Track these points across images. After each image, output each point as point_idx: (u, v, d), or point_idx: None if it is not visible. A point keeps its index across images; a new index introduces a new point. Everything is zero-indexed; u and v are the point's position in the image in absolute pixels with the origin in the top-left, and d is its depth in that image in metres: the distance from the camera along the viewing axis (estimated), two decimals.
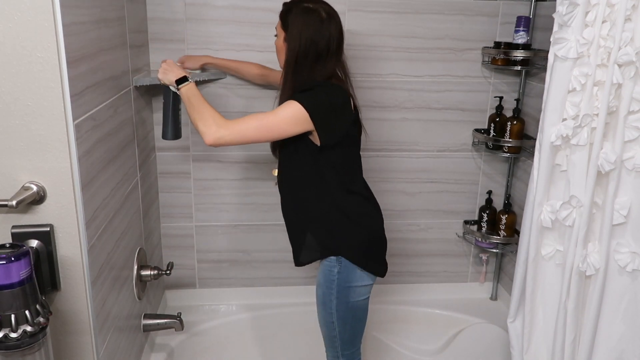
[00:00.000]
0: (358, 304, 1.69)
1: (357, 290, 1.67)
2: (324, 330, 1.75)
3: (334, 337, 1.73)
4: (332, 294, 1.66)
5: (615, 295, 1.51)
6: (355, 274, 1.65)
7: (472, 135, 2.33)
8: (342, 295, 1.66)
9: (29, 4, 1.10)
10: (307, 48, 1.52)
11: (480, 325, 2.37)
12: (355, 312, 1.70)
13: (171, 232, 2.32)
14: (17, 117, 1.16)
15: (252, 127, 1.49)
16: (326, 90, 1.54)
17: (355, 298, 1.68)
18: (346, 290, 1.66)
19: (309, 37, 1.51)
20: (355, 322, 1.73)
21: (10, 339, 1.03)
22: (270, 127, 1.49)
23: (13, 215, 1.21)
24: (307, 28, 1.51)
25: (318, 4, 1.55)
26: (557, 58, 1.40)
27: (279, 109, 1.50)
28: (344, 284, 1.65)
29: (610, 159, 1.40)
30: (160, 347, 2.10)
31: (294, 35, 1.52)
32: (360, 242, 1.66)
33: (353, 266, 1.64)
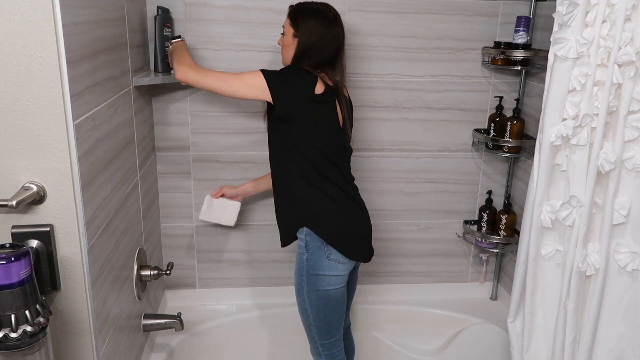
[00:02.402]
0: (329, 293, 1.73)
1: (325, 279, 1.71)
2: (302, 319, 1.82)
3: (310, 325, 1.80)
4: (302, 280, 1.74)
5: (615, 295, 1.51)
6: (323, 262, 1.70)
7: (472, 135, 2.33)
8: (311, 282, 1.73)
9: (29, 4, 1.10)
10: (314, 45, 1.68)
11: (480, 325, 2.37)
12: (326, 301, 1.74)
13: (171, 232, 2.32)
14: (17, 117, 1.16)
15: (214, 77, 1.70)
16: (290, 69, 1.70)
17: (324, 287, 1.72)
18: (314, 278, 1.72)
19: (318, 36, 1.68)
20: (327, 311, 1.76)
21: (10, 339, 1.03)
22: (228, 83, 1.68)
23: (13, 215, 1.21)
24: (317, 27, 1.68)
25: (326, 7, 1.73)
26: (557, 58, 1.40)
27: (243, 73, 1.69)
28: (312, 271, 1.71)
29: (610, 159, 1.40)
30: (160, 347, 2.10)
31: (305, 31, 1.68)
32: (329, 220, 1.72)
33: (320, 253, 1.70)
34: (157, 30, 1.96)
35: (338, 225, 1.73)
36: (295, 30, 1.70)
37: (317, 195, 1.71)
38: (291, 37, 1.72)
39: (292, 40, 1.71)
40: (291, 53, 1.72)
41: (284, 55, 1.77)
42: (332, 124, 1.73)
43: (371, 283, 2.46)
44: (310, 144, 1.69)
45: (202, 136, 2.21)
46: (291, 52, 1.72)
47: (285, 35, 1.74)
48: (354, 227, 1.77)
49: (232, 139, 2.22)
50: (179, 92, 2.15)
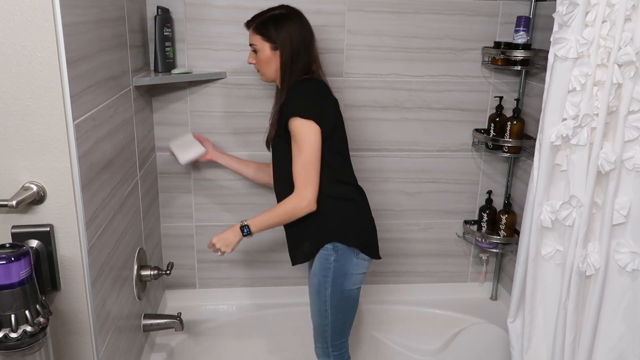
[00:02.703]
0: (351, 293, 1.76)
1: (352, 278, 1.73)
2: (316, 320, 1.81)
3: (326, 326, 1.78)
4: (327, 282, 1.72)
5: (615, 295, 1.51)
6: (352, 262, 1.72)
7: (472, 135, 2.33)
8: (337, 283, 1.72)
9: (29, 4, 1.10)
10: (298, 45, 1.68)
11: (480, 325, 2.37)
12: (348, 300, 1.76)
13: (171, 232, 2.32)
14: (17, 117, 1.16)
15: (305, 172, 1.63)
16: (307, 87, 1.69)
17: (349, 286, 1.74)
18: (342, 278, 1.72)
19: (298, 36, 1.68)
20: (347, 311, 1.78)
21: (10, 339, 1.03)
22: (312, 155, 1.63)
23: (13, 215, 1.21)
24: (293, 29, 1.68)
25: (285, 9, 1.72)
26: (557, 58, 1.40)
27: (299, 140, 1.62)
28: (340, 272, 1.71)
29: (610, 159, 1.40)
30: (160, 347, 2.10)
31: (284, 39, 1.67)
32: (354, 225, 1.74)
33: (349, 253, 1.71)
34: (157, 30, 1.96)
35: (362, 229, 1.78)
36: (273, 43, 1.68)
37: (337, 205, 1.72)
38: (269, 51, 1.69)
39: (273, 54, 1.69)
40: (274, 66, 1.71)
41: (265, 72, 1.74)
42: (342, 122, 1.77)
43: (371, 283, 2.46)
44: (335, 150, 1.71)
45: None
46: (274, 65, 1.71)
47: (260, 51, 1.70)
48: (372, 225, 1.83)
49: (232, 139, 2.22)
50: (179, 92, 2.15)
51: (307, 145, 1.62)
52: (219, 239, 1.75)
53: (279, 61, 1.69)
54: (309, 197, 1.64)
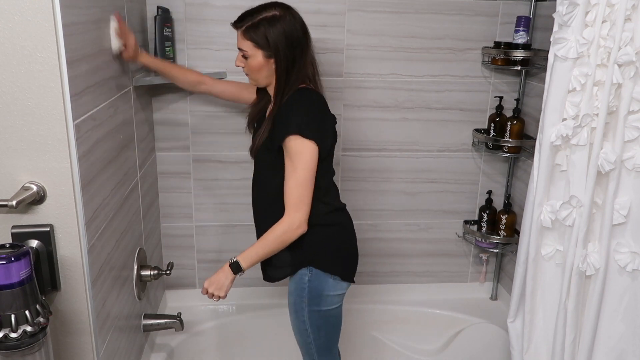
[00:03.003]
0: (330, 312, 1.67)
1: (328, 299, 1.65)
2: (298, 338, 1.74)
3: (309, 344, 1.71)
4: (303, 302, 1.64)
5: (615, 295, 1.51)
6: (327, 283, 1.63)
7: (472, 135, 2.33)
8: (313, 304, 1.64)
9: (29, 4, 1.10)
10: (295, 51, 1.53)
11: (480, 325, 2.37)
12: (328, 319, 1.69)
13: (171, 232, 2.32)
14: (17, 117, 1.16)
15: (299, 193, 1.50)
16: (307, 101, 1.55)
17: (326, 306, 1.65)
18: (318, 299, 1.64)
19: (294, 41, 1.52)
20: (328, 328, 1.71)
21: (10, 339, 1.03)
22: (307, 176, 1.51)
23: (13, 215, 1.21)
24: (288, 34, 1.51)
25: (278, 9, 1.53)
26: (557, 58, 1.40)
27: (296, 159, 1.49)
28: (315, 292, 1.63)
29: (610, 159, 1.40)
30: (160, 347, 2.10)
31: (280, 47, 1.51)
32: (331, 250, 1.64)
33: (325, 275, 1.62)
34: (157, 30, 1.96)
35: (343, 256, 1.68)
36: (266, 50, 1.51)
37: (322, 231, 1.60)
38: (262, 58, 1.52)
39: (266, 62, 1.53)
40: (266, 73, 1.56)
41: (257, 78, 1.59)
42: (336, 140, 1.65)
43: (371, 283, 2.46)
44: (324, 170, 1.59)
45: (202, 136, 2.21)
46: (266, 72, 1.56)
47: (252, 57, 1.53)
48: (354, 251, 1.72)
49: (232, 139, 2.22)
50: (179, 92, 2.15)
51: (303, 164, 1.49)
52: (210, 282, 1.60)
53: (274, 70, 1.55)
54: (301, 219, 1.51)
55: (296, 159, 1.49)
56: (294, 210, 1.51)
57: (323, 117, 1.57)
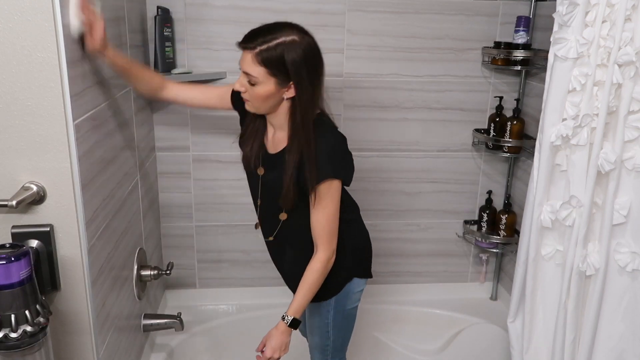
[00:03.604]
0: (352, 311, 1.70)
1: (353, 297, 1.67)
2: (315, 340, 1.74)
3: (326, 346, 1.72)
4: (329, 303, 1.65)
5: (615, 295, 1.51)
6: (353, 282, 1.65)
7: (472, 135, 2.33)
8: (340, 304, 1.65)
9: (29, 4, 1.10)
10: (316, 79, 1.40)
11: (480, 325, 2.37)
12: (349, 319, 1.71)
13: (171, 232, 2.32)
14: (17, 117, 1.16)
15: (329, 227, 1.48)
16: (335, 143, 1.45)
17: (350, 305, 1.68)
18: (344, 299, 1.65)
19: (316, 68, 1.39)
20: (347, 329, 1.73)
21: (10, 339, 1.03)
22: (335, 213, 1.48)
23: (13, 215, 1.21)
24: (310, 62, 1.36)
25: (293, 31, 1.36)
26: (557, 58, 1.40)
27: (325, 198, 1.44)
28: (343, 292, 1.64)
29: (610, 159, 1.40)
30: (160, 347, 2.10)
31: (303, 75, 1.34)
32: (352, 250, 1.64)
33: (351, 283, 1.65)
34: (157, 30, 1.96)
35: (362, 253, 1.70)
36: (282, 79, 1.34)
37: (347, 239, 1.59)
38: (274, 86, 1.35)
39: (277, 90, 1.36)
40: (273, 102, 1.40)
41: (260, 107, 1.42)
42: None
43: (371, 283, 2.44)
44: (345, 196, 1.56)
45: (202, 136, 2.21)
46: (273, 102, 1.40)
47: (260, 85, 1.35)
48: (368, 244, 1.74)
49: (232, 139, 2.21)
50: None
51: (332, 201, 1.45)
52: (272, 349, 1.54)
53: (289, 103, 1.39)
54: (334, 249, 1.50)
55: (326, 198, 1.45)
56: (327, 243, 1.49)
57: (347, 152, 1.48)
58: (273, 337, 1.55)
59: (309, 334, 1.77)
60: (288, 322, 1.53)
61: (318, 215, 1.47)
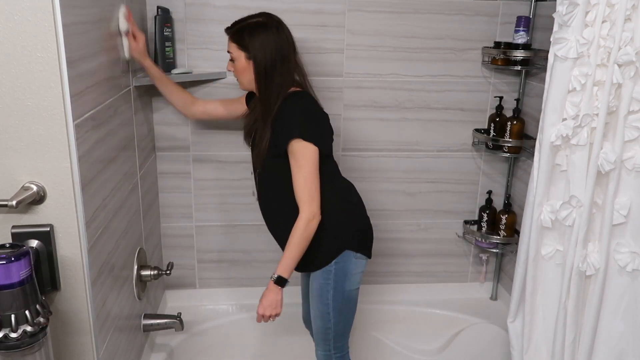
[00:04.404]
0: (352, 294, 1.76)
1: (352, 278, 1.73)
2: (318, 324, 1.79)
3: (328, 329, 1.77)
4: (329, 284, 1.71)
5: (615, 295, 1.51)
6: (351, 262, 1.71)
7: (472, 135, 2.33)
8: (339, 285, 1.71)
9: (29, 4, 1.10)
10: (274, 56, 1.61)
11: (480, 325, 2.37)
12: (349, 301, 1.76)
13: (171, 232, 2.32)
14: (17, 117, 1.16)
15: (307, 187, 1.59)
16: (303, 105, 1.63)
17: (350, 287, 1.74)
18: (343, 279, 1.71)
19: (273, 47, 1.61)
20: (348, 312, 1.79)
21: (10, 339, 1.03)
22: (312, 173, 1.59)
23: (13, 215, 1.21)
24: (268, 39, 1.60)
25: (264, 17, 1.64)
26: (557, 58, 1.40)
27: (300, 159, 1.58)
28: (341, 273, 1.71)
29: (610, 159, 1.40)
30: (160, 347, 2.10)
31: (258, 49, 1.60)
32: (352, 230, 1.74)
33: (349, 253, 1.71)
34: (157, 30, 1.96)
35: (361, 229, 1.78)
36: (247, 52, 1.62)
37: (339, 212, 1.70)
38: (244, 60, 1.63)
39: (247, 63, 1.63)
40: (249, 76, 1.65)
41: (242, 80, 1.69)
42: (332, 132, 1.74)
43: (371, 283, 2.46)
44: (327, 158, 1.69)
45: (202, 136, 2.21)
46: (249, 75, 1.65)
47: (237, 60, 1.64)
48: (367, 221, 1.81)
49: (232, 139, 2.22)
50: None
51: (307, 162, 1.59)
52: (263, 308, 1.70)
53: (253, 72, 1.63)
54: (314, 210, 1.60)
55: (301, 159, 1.58)
56: (307, 204, 1.60)
57: (319, 118, 1.64)
58: (263, 296, 1.70)
59: (313, 321, 1.82)
60: (274, 279, 1.67)
61: (296, 176, 1.60)
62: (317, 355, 1.87)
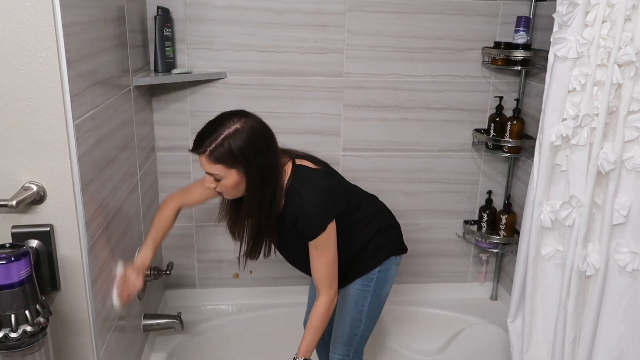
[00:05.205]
0: (384, 299, 1.77)
1: (389, 284, 1.74)
2: (344, 329, 1.74)
3: (355, 335, 1.75)
4: (367, 291, 1.70)
5: (615, 295, 1.51)
6: (392, 270, 1.72)
7: (472, 135, 2.33)
8: (377, 293, 1.71)
9: (29, 4, 1.10)
10: (266, 155, 1.43)
11: (480, 325, 2.37)
12: (380, 307, 1.77)
13: (171, 232, 2.30)
14: (17, 117, 1.16)
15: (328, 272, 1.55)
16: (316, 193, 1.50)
17: (385, 294, 1.75)
18: (382, 286, 1.71)
19: (262, 146, 1.42)
20: (377, 318, 1.79)
21: (10, 339, 1.03)
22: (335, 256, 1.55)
23: (13, 215, 1.21)
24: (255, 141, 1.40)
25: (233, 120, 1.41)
26: (557, 58, 1.40)
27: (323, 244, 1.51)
28: (383, 280, 1.70)
29: (610, 159, 1.40)
30: (160, 347, 2.10)
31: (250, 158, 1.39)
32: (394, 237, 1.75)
33: (391, 260, 1.70)
34: (157, 30, 1.96)
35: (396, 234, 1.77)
36: (239, 167, 1.39)
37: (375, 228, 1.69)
38: (237, 175, 1.41)
39: (242, 176, 1.42)
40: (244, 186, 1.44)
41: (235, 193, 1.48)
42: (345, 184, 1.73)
43: None
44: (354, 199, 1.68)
45: None
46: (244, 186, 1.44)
47: (225, 179, 1.41)
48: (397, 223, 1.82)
49: None
50: (179, 92, 2.15)
51: (329, 246, 1.52)
52: None
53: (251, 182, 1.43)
54: (335, 292, 1.57)
55: (321, 247, 1.52)
56: (327, 288, 1.56)
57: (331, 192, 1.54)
58: None
59: (337, 325, 1.77)
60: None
61: (317, 264, 1.55)
62: (332, 358, 1.81)
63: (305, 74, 2.17)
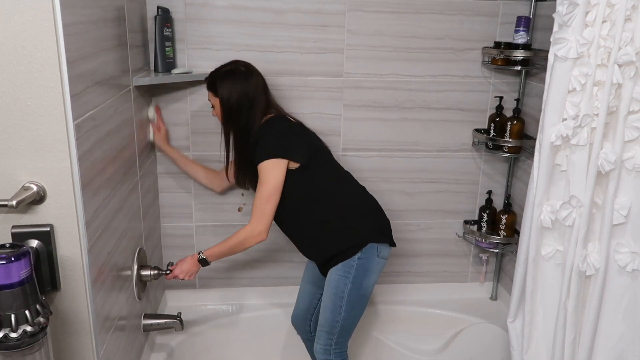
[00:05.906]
0: (367, 291, 1.82)
1: (371, 276, 1.79)
2: (326, 316, 1.82)
3: (336, 323, 1.80)
4: (348, 278, 1.76)
5: (615, 295, 1.51)
6: (374, 260, 1.77)
7: (472, 135, 2.33)
8: (357, 281, 1.76)
9: (29, 4, 1.10)
10: (240, 100, 1.77)
11: (480, 325, 2.37)
12: (362, 298, 1.81)
13: (171, 232, 2.32)
14: (17, 117, 1.16)
15: (261, 205, 1.73)
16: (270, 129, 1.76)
17: (367, 284, 1.79)
18: (362, 276, 1.76)
19: (239, 91, 1.76)
20: (358, 309, 1.83)
21: (10, 339, 1.03)
22: (270, 192, 1.72)
23: (13, 215, 1.21)
24: (235, 84, 1.76)
25: (235, 64, 1.82)
26: (557, 58, 1.40)
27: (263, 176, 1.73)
28: (362, 269, 1.76)
29: (610, 159, 1.40)
30: (160, 347, 2.10)
31: (225, 95, 1.76)
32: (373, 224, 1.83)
33: (372, 252, 1.77)
34: (157, 30, 1.96)
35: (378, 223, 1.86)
36: (219, 98, 1.77)
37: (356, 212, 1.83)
38: (219, 105, 1.79)
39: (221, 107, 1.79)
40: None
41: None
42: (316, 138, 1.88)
43: None
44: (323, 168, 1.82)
45: (202, 136, 2.21)
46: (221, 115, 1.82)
47: (215, 106, 1.81)
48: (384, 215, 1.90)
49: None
50: (179, 92, 2.15)
51: (267, 181, 1.71)
52: (181, 270, 1.86)
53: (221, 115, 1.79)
54: (261, 229, 1.73)
55: (262, 178, 1.73)
56: (256, 220, 1.74)
57: (287, 134, 1.77)
58: (186, 262, 1.87)
59: (322, 313, 1.84)
60: (199, 258, 1.84)
61: (256, 195, 1.75)
62: (315, 349, 1.87)
63: (305, 74, 2.17)
